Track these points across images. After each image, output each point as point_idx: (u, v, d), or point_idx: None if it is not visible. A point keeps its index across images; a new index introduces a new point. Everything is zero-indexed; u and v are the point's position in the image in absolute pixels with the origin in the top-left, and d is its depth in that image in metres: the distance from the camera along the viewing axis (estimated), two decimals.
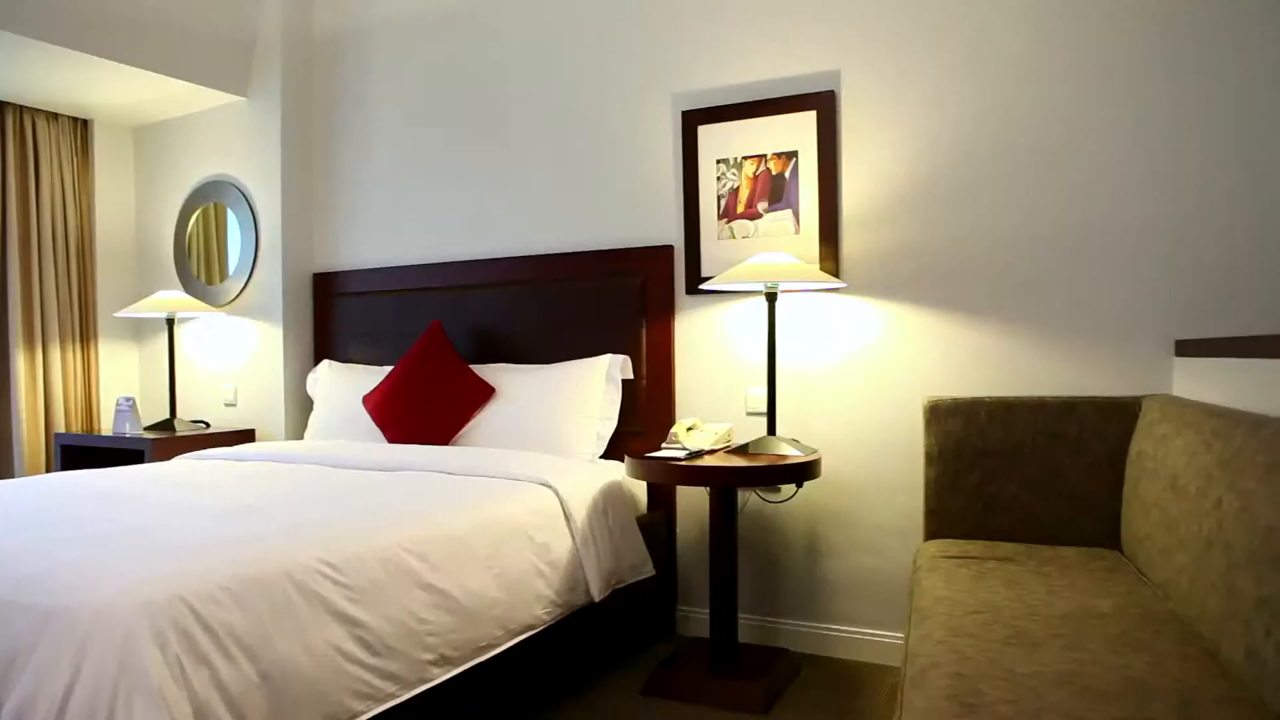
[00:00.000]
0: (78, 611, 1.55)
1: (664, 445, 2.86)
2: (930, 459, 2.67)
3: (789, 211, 3.07)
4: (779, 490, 3.09)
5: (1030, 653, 1.54)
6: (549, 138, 3.56)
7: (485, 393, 3.33)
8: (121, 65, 3.63)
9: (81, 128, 4.39)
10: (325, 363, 3.91)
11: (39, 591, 1.62)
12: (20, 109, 4.10)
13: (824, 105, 3.00)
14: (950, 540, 2.56)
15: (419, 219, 3.90)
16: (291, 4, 4.07)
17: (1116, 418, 2.46)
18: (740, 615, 3.17)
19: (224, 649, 1.65)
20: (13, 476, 4.05)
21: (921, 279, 2.90)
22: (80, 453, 4.06)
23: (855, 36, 2.98)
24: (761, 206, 3.12)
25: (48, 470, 4.12)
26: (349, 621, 1.89)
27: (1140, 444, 2.27)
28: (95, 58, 3.54)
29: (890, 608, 2.96)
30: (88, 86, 3.90)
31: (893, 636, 2.96)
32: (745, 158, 3.14)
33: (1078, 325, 2.70)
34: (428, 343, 3.47)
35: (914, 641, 1.72)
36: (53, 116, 4.23)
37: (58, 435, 4.07)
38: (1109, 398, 2.52)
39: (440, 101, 3.84)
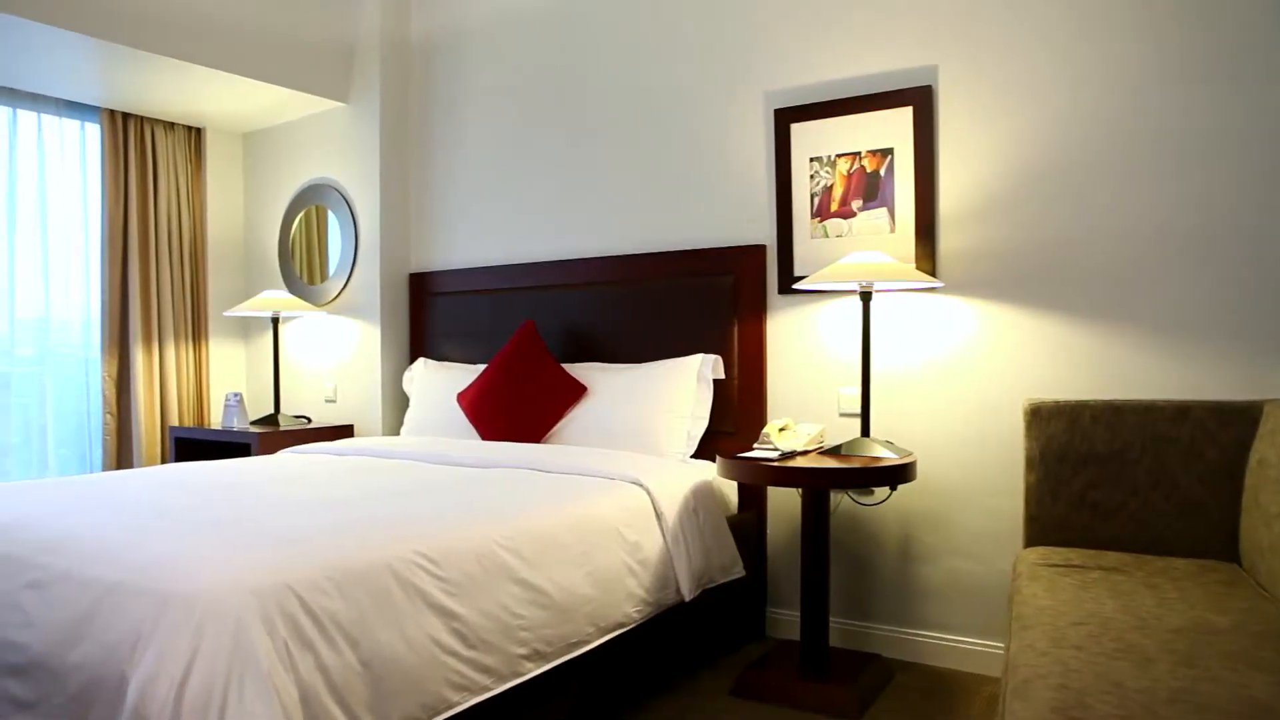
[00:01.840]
0: (194, 597, 1.62)
1: (756, 446, 2.84)
2: (1031, 463, 2.58)
3: (884, 210, 3.02)
4: (872, 493, 3.04)
5: (1141, 668, 1.48)
6: (641, 137, 3.58)
7: (577, 391, 3.37)
8: (232, 75, 3.80)
9: (195, 136, 4.61)
10: (420, 361, 4.01)
11: (158, 577, 1.71)
12: (140, 119, 4.32)
13: (921, 101, 2.94)
14: (1051, 548, 2.47)
15: (511, 219, 3.96)
16: (389, 13, 4.19)
17: (1234, 423, 2.34)
18: (831, 619, 3.13)
19: (328, 636, 1.71)
20: (132, 466, 4.27)
21: (1022, 278, 2.81)
22: (192, 444, 4.26)
23: (954, 31, 2.91)
24: (856, 205, 3.07)
25: (163, 461, 4.33)
26: (445, 614, 1.93)
27: (1262, 451, 2.16)
28: (208, 69, 3.71)
29: (986, 615, 2.88)
30: (201, 96, 4.09)
31: (988, 645, 2.88)
32: (839, 155, 3.10)
33: (1190, 326, 2.58)
34: (520, 342, 3.52)
35: (1015, 651, 1.67)
36: (169, 126, 4.45)
37: (172, 428, 4.28)
38: (1225, 402, 2.40)
39: (532, 102, 3.89)
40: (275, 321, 4.27)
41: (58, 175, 4.14)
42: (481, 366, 3.78)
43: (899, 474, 2.60)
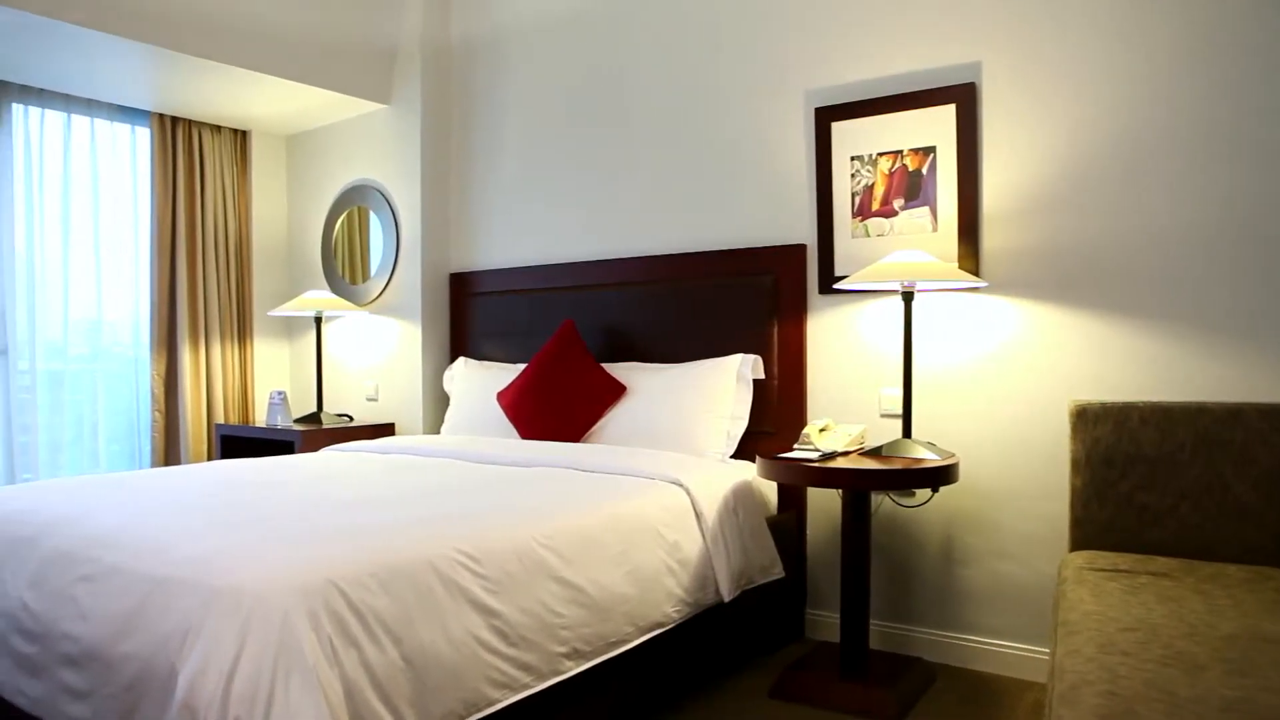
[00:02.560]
0: (241, 592, 1.65)
1: (796, 446, 2.83)
2: (1077, 466, 2.54)
3: (926, 209, 2.98)
4: (913, 494, 3.01)
5: (1192, 676, 1.45)
6: (680, 137, 3.58)
7: (616, 391, 3.37)
8: (278, 79, 3.86)
9: (241, 138, 4.69)
10: (461, 360, 4.04)
11: (206, 572, 1.74)
12: (189, 123, 4.40)
13: (964, 98, 2.90)
14: (1098, 552, 2.43)
15: (551, 219, 3.98)
16: (430, 15, 4.23)
17: None
18: (871, 621, 3.10)
19: (371, 633, 1.73)
20: (179, 463, 4.35)
21: (1067, 278, 2.77)
22: (237, 442, 4.33)
23: (997, 26, 2.87)
24: (897, 204, 3.04)
25: (209, 457, 4.42)
26: (486, 611, 1.95)
27: None
28: (255, 73, 3.77)
29: (1030, 620, 2.84)
30: (247, 100, 4.16)
31: (1032, 650, 2.83)
32: (880, 154, 3.07)
33: (1242, 326, 2.52)
34: (560, 341, 3.54)
35: (1061, 657, 1.65)
36: (216, 129, 4.53)
37: (217, 426, 4.36)
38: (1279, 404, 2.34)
39: (571, 103, 3.90)
40: (318, 321, 4.32)
41: (110, 178, 4.23)
42: (521, 366, 3.80)
43: (941, 475, 2.57)
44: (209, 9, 3.57)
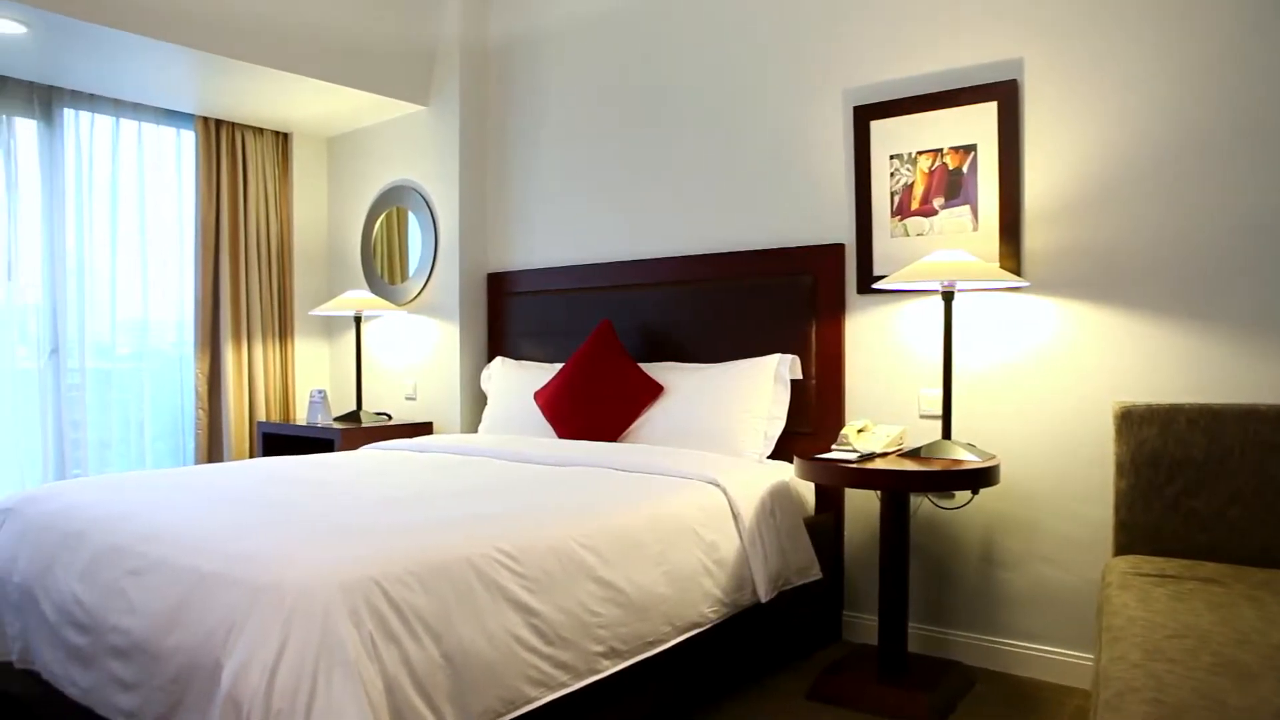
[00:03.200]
0: (284, 589, 1.67)
1: (834, 447, 2.81)
2: (1121, 469, 2.50)
3: (966, 207, 2.95)
4: (953, 496, 2.98)
5: (1243, 684, 1.42)
6: (717, 137, 3.57)
7: (654, 391, 3.38)
8: (319, 81, 3.91)
9: (283, 140, 4.75)
10: (498, 359, 4.07)
11: (250, 568, 1.77)
12: (232, 126, 4.48)
13: (1006, 95, 2.86)
14: (1143, 556, 2.39)
15: (587, 219, 3.99)
16: (468, 17, 4.26)
17: None
18: (909, 624, 3.08)
19: (411, 630, 1.74)
20: (222, 459, 4.43)
21: (1111, 277, 2.72)
22: (278, 439, 4.39)
23: (1039, 22, 2.83)
24: (937, 203, 3.01)
25: (251, 455, 4.48)
26: (525, 610, 1.96)
27: None
28: (296, 75, 3.82)
29: (1072, 625, 2.80)
30: (288, 102, 4.22)
31: (1074, 655, 2.79)
32: (920, 152, 3.04)
33: None
34: (597, 341, 3.54)
35: (1106, 663, 1.62)
36: (258, 131, 4.59)
37: (259, 423, 4.42)
38: None
39: (607, 103, 3.91)
40: (358, 320, 4.37)
41: (156, 181, 4.31)
42: (558, 365, 3.82)
43: (981, 477, 2.54)
44: (252, 14, 3.63)
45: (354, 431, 4.01)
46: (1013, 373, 2.90)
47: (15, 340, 3.91)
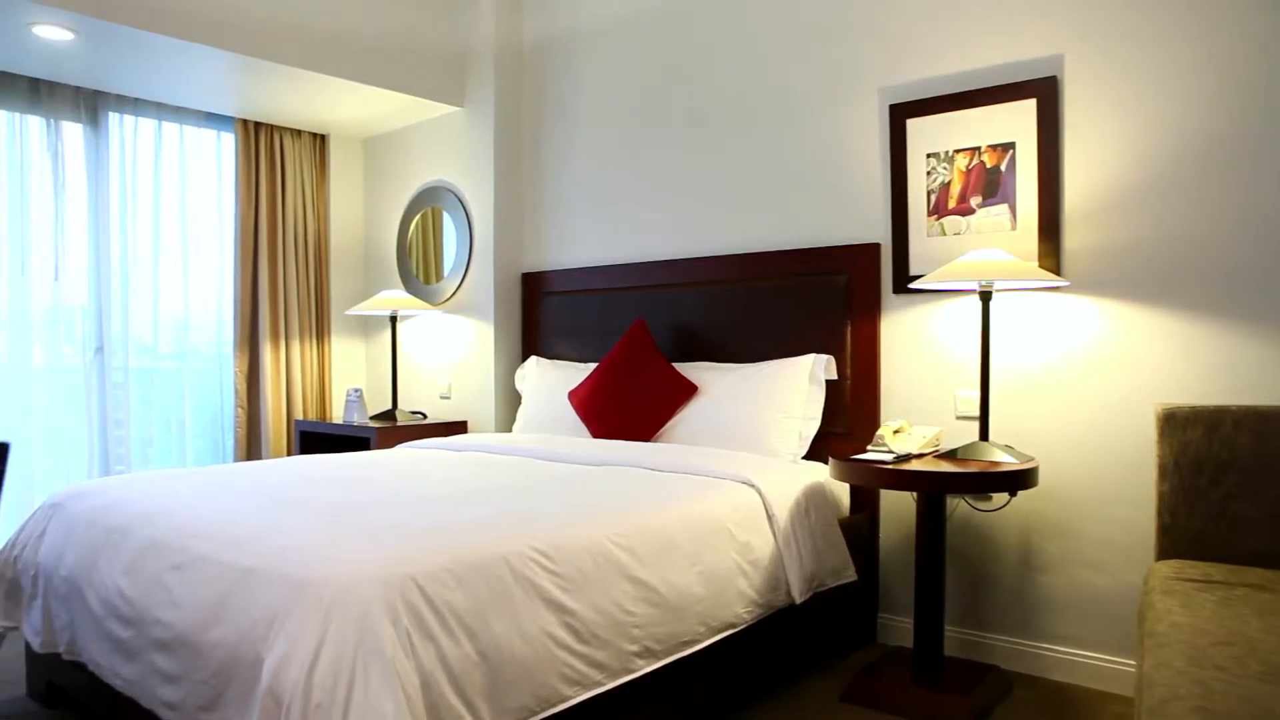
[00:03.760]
0: (322, 585, 1.69)
1: (869, 448, 2.79)
2: (1164, 472, 2.45)
3: (1004, 206, 2.92)
4: (990, 498, 2.94)
5: None
6: (751, 136, 3.56)
7: (687, 391, 3.37)
8: (356, 83, 3.95)
9: (320, 142, 4.81)
10: (533, 359, 4.09)
11: (289, 564, 1.79)
12: (270, 128, 4.54)
13: (1045, 92, 2.83)
14: (1187, 561, 2.34)
15: (621, 219, 3.99)
16: (502, 18, 4.28)
17: None
18: (945, 627, 3.04)
19: (447, 627, 1.75)
20: (260, 457, 4.49)
21: (1153, 277, 2.67)
22: (315, 437, 4.44)
23: (1080, 18, 2.79)
24: (975, 201, 2.98)
25: (288, 452, 4.54)
26: (560, 609, 1.96)
27: None
28: (333, 78, 3.87)
29: (1112, 630, 2.75)
30: (326, 104, 4.27)
31: (1114, 661, 2.75)
32: (957, 151, 3.01)
33: None
34: (631, 341, 3.55)
35: (1149, 669, 1.59)
36: (296, 133, 4.65)
37: (297, 422, 4.48)
38: None
39: (641, 102, 3.91)
40: (393, 320, 4.41)
41: (196, 183, 4.39)
42: (592, 365, 3.83)
43: (1019, 479, 2.51)
44: (291, 18, 3.68)
45: (390, 430, 4.05)
46: (1052, 373, 2.86)
47: (62, 339, 3.99)
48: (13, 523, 3.72)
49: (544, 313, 4.22)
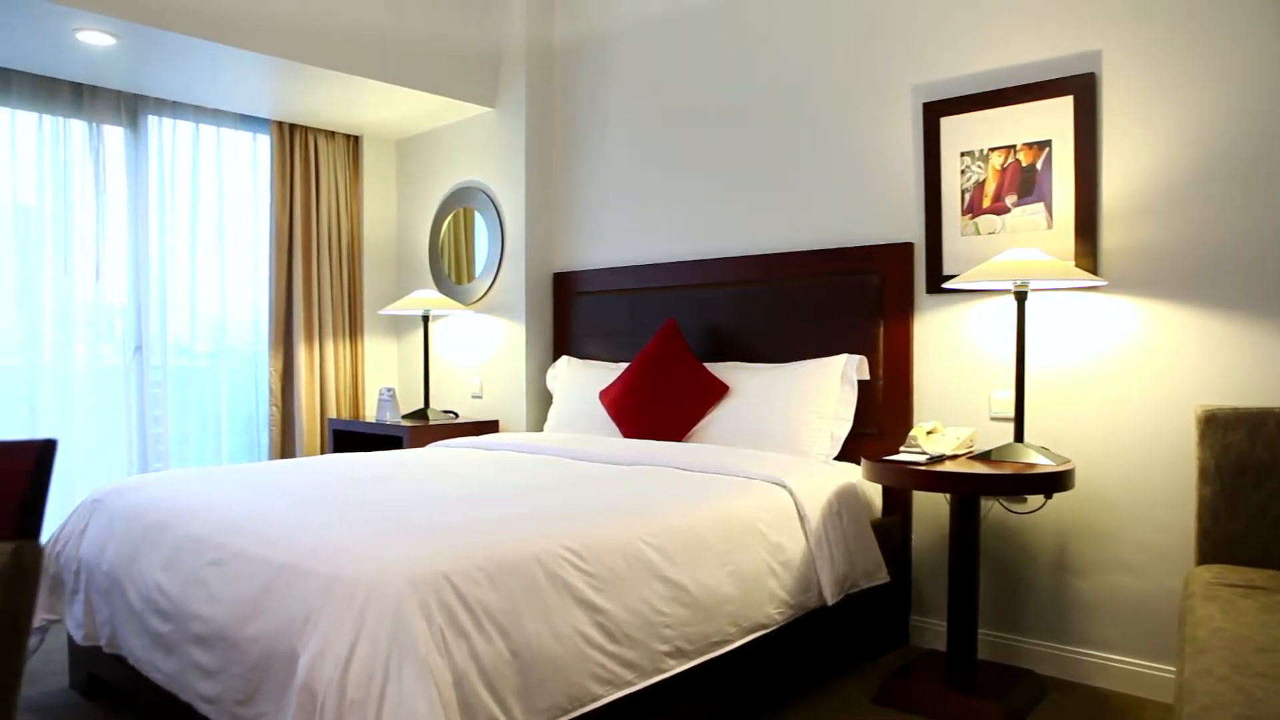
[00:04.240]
0: (356, 582, 1.71)
1: (902, 449, 2.76)
2: (1205, 474, 2.41)
3: (1040, 205, 2.88)
4: (1025, 500, 2.91)
5: None
6: (783, 135, 3.54)
7: (719, 391, 3.37)
8: (389, 85, 3.99)
9: (353, 143, 4.86)
10: (564, 359, 4.10)
11: (325, 561, 1.81)
12: (305, 129, 4.59)
13: (1082, 89, 2.79)
14: (1229, 566, 2.30)
15: (653, 218, 3.99)
16: (533, 19, 4.30)
17: None
18: (979, 630, 3.01)
19: (480, 625, 1.76)
20: (294, 455, 4.54)
21: (1193, 276, 2.63)
22: (348, 436, 4.49)
23: (1119, 12, 2.75)
24: (1010, 200, 2.94)
25: (322, 451, 4.59)
26: (591, 608, 1.97)
27: None
28: (367, 79, 3.90)
29: (1150, 635, 2.71)
30: (359, 106, 4.31)
31: (1152, 667, 2.70)
32: (992, 149, 2.98)
33: None
34: (663, 340, 3.55)
35: (1190, 676, 1.57)
36: (330, 135, 4.70)
37: (330, 420, 4.53)
38: None
39: (672, 102, 3.91)
40: (425, 320, 4.44)
41: (233, 184, 4.45)
42: (624, 365, 3.83)
43: (1055, 482, 2.47)
44: (326, 21, 3.72)
45: (422, 429, 4.08)
46: (1089, 374, 2.82)
47: (102, 338, 4.06)
48: (56, 518, 3.79)
49: (575, 312, 4.23)
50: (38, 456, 1.28)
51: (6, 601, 1.17)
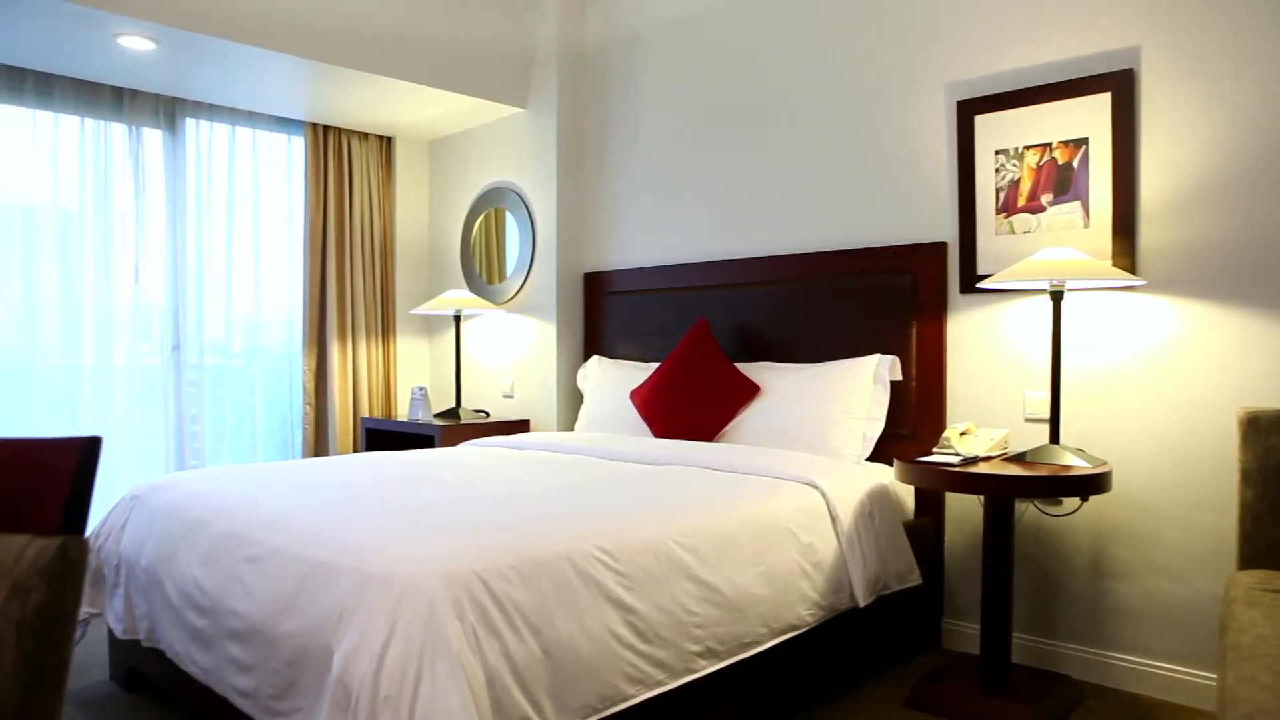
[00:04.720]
0: (390, 579, 1.73)
1: (935, 450, 2.74)
2: (1247, 478, 2.36)
3: (1077, 204, 2.84)
4: (1060, 503, 2.87)
5: None
6: (815, 134, 3.53)
7: (750, 391, 3.36)
8: (421, 86, 4.02)
9: (386, 144, 4.90)
10: (595, 358, 4.11)
11: (359, 558, 1.83)
12: (339, 131, 4.64)
13: (1121, 86, 2.75)
14: (1272, 571, 2.25)
15: (684, 218, 3.99)
16: (565, 20, 4.31)
17: None
18: (1013, 633, 2.98)
19: (512, 623, 1.77)
20: (328, 453, 4.59)
21: (1235, 276, 2.58)
22: (380, 434, 4.53)
23: (1157, 7, 2.70)
24: (1045, 199, 2.91)
25: (355, 449, 4.63)
26: (622, 607, 1.97)
27: None
28: (400, 81, 3.94)
29: (1189, 641, 2.67)
30: (392, 107, 4.35)
31: (1192, 673, 2.66)
32: (1027, 147, 2.94)
33: None
34: (694, 340, 3.54)
35: (1233, 683, 1.54)
36: (363, 136, 4.75)
37: (363, 419, 4.57)
38: None
39: (703, 102, 3.91)
40: (457, 319, 4.47)
41: (268, 185, 4.50)
42: (654, 364, 3.83)
43: (1091, 484, 2.44)
44: (359, 24, 3.75)
45: (453, 428, 4.10)
46: (1126, 375, 2.78)
47: (140, 338, 4.13)
48: (97, 514, 3.86)
49: (606, 312, 4.24)
50: (83, 453, 1.31)
51: (54, 595, 1.19)
